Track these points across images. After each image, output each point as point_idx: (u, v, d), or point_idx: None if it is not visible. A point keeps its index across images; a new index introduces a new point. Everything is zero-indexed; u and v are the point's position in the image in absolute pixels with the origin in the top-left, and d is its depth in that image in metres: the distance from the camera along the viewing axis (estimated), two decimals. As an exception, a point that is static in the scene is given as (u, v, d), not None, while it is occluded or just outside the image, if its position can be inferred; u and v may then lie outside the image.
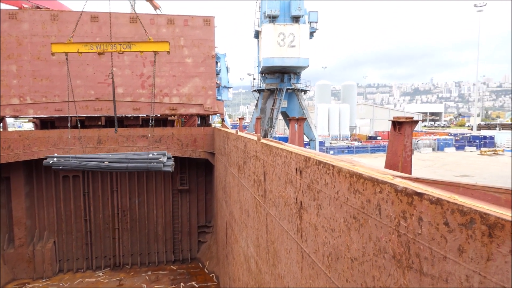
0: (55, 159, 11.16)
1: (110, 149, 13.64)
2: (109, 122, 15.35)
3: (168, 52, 11.52)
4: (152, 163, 10.89)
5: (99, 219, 15.53)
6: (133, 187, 15.78)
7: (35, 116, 14.72)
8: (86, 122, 14.75)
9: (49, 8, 16.23)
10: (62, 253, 15.18)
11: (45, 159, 11.39)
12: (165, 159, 11.04)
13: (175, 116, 17.80)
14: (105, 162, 11.03)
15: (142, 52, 11.39)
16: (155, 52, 11.49)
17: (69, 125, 12.61)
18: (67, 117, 14.20)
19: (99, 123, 14.97)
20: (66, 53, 11.18)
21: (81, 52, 11.03)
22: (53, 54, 11.16)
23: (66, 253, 15.26)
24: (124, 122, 15.43)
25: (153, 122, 12.63)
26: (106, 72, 14.39)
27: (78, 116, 14.53)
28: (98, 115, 14.56)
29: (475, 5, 79.71)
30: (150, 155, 11.23)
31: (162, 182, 16.02)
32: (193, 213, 16.39)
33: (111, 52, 11.27)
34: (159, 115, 15.68)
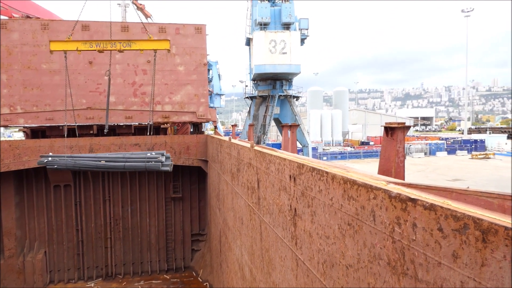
0: (49, 158, 10.81)
1: (102, 158, 13.51)
2: (101, 130, 15.23)
3: (169, 50, 11.40)
4: (150, 162, 10.56)
5: (91, 228, 15.32)
6: (126, 195, 15.62)
7: (26, 125, 14.55)
8: (78, 131, 14.60)
9: (39, 18, 16.15)
10: (53, 263, 14.92)
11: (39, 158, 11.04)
12: (163, 159, 10.76)
13: (168, 124, 17.74)
14: (102, 162, 10.71)
15: (142, 50, 11.16)
16: (155, 51, 11.30)
17: (66, 125, 12.46)
18: (58, 126, 14.07)
19: (91, 132, 14.84)
20: (65, 52, 11.00)
21: (80, 50, 10.82)
22: (51, 52, 10.95)
23: (57, 264, 14.99)
24: (116, 130, 15.32)
25: (151, 127, 12.30)
26: (97, 81, 14.32)
27: (70, 125, 14.42)
28: (90, 124, 14.45)
29: (462, 10, 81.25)
30: (148, 154, 10.95)
31: (155, 190, 15.89)
32: (186, 221, 16.25)
33: (111, 50, 11.06)
34: (151, 123, 15.60)
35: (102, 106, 14.04)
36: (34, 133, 15.78)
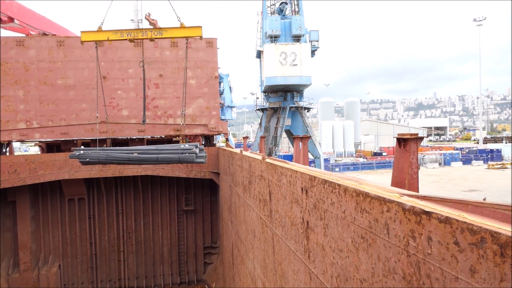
0: (81, 151, 10.72)
1: (115, 171, 13.67)
2: (114, 144, 15.45)
3: (201, 38, 10.96)
4: (184, 154, 10.31)
5: (104, 241, 15.42)
6: (139, 208, 15.72)
7: (41, 140, 14.87)
8: (92, 145, 14.85)
9: (55, 35, 16.65)
10: (67, 277, 15.01)
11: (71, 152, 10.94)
12: (197, 150, 10.55)
13: (180, 137, 17.90)
14: (134, 154, 10.54)
15: (174, 38, 10.83)
16: (187, 38, 10.94)
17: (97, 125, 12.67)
18: (73, 140, 14.33)
19: (105, 145, 15.06)
20: (96, 42, 11.02)
21: (111, 40, 10.72)
22: (82, 42, 10.92)
23: (71, 277, 15.08)
24: (129, 144, 15.52)
25: (183, 121, 11.83)
26: (111, 95, 14.60)
27: (84, 139, 14.66)
28: (104, 138, 14.68)
29: (474, 19, 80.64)
30: (182, 146, 10.78)
31: (167, 203, 15.96)
32: (198, 234, 16.23)
33: (142, 39, 10.79)
34: (163, 136, 15.77)
35: (116, 120, 14.27)
36: (49, 147, 16.11)
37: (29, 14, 17.13)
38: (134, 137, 15.20)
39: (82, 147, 11.96)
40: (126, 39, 10.61)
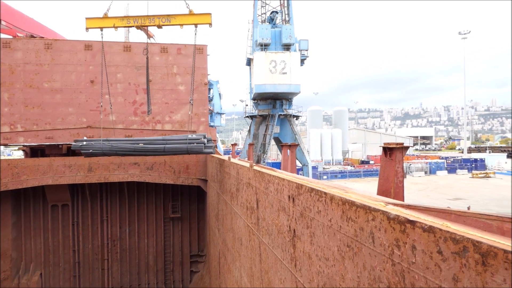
0: (84, 142, 10.24)
1: (101, 177, 13.46)
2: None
3: (210, 25, 10.53)
4: (192, 144, 9.96)
5: (88, 249, 15.10)
6: (124, 215, 15.48)
7: (26, 144, 14.58)
8: (78, 151, 14.61)
9: (43, 37, 16.44)
10: (48, 286, 14.61)
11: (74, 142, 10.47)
12: (205, 141, 10.22)
13: (168, 143, 17.76)
14: (140, 144, 10.13)
15: (182, 25, 10.24)
16: (196, 26, 10.46)
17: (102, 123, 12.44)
18: (57, 145, 14.09)
19: (91, 151, 14.84)
20: (101, 28, 10.49)
21: (117, 27, 10.29)
22: (87, 29, 10.43)
23: (53, 286, 14.69)
24: (116, 149, 15.33)
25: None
26: (98, 100, 14.44)
27: (69, 144, 14.42)
28: (90, 143, 14.46)
29: (459, 33, 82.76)
30: (189, 136, 10.43)
31: (153, 210, 15.75)
32: (185, 242, 16.04)
33: (149, 26, 10.35)
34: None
35: (103, 125, 14.10)
36: (34, 151, 15.80)
37: (16, 16, 16.90)
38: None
39: (85, 137, 11.53)
40: (133, 26, 10.25)
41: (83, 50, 14.29)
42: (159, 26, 10.27)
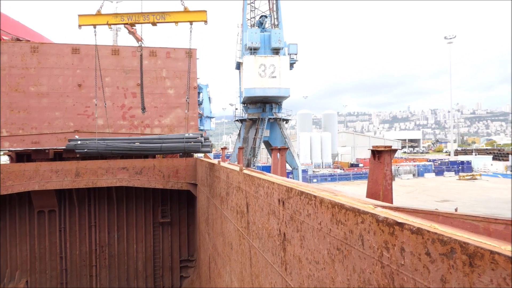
0: (79, 141, 9.95)
1: (88, 182, 13.26)
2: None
3: (206, 22, 10.44)
4: (190, 143, 9.76)
5: (76, 256, 14.83)
6: (112, 220, 15.26)
7: (11, 149, 14.30)
8: (64, 155, 14.39)
9: (29, 40, 16.20)
10: (34, 293, 14.30)
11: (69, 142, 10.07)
12: (202, 140, 10.03)
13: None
14: (136, 143, 9.91)
15: (177, 23, 10.11)
16: (191, 23, 10.33)
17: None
18: (44, 149, 13.86)
19: (78, 155, 14.64)
20: (95, 26, 10.29)
21: (110, 24, 10.16)
22: (80, 27, 10.25)
23: (39, 294, 14.37)
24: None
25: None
26: (86, 103, 14.26)
27: (56, 148, 14.20)
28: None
29: (445, 37, 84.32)
30: (186, 135, 10.23)
31: (142, 215, 15.57)
32: (175, 246, 15.88)
33: (143, 23, 10.15)
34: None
35: (90, 130, 13.93)
36: (19, 156, 15.49)
37: (2, 19, 16.62)
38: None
39: (77, 136, 11.23)
40: (127, 23, 10.12)
41: (70, 53, 14.13)
42: (154, 24, 10.17)
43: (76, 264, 14.81)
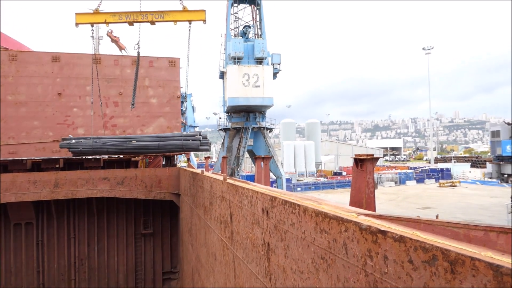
0: (73, 140, 9.54)
1: (68, 193, 12.90)
2: (68, 164, 14.68)
3: (205, 22, 10.37)
4: (188, 141, 9.48)
5: (54, 269, 14.33)
6: (93, 232, 14.86)
7: (-14, 160, 13.80)
8: (43, 165, 13.99)
9: (7, 48, 15.82)
10: (9, 310, 13.71)
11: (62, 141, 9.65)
12: (201, 137, 9.78)
13: (139, 157, 17.36)
14: (133, 141, 9.57)
15: (176, 22, 10.02)
16: (190, 22, 10.26)
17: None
18: (22, 160, 13.46)
19: (57, 166, 14.25)
20: (92, 24, 10.12)
21: (108, 23, 9.91)
22: (77, 25, 10.00)
23: (14, 311, 13.79)
24: (84, 164, 14.80)
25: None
26: (66, 113, 13.96)
27: (34, 159, 13.79)
28: (56, 158, 13.90)
29: (423, 48, 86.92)
30: (185, 133, 9.98)
31: (124, 226, 15.23)
32: (157, 258, 15.56)
33: (141, 22, 9.97)
34: (121, 156, 15.21)
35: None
36: (-5, 167, 14.97)
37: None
38: (90, 157, 14.52)
39: (71, 135, 10.85)
40: (126, 22, 9.96)
41: (50, 62, 13.85)
42: (152, 23, 10.07)
43: (54, 278, 14.30)
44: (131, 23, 10.14)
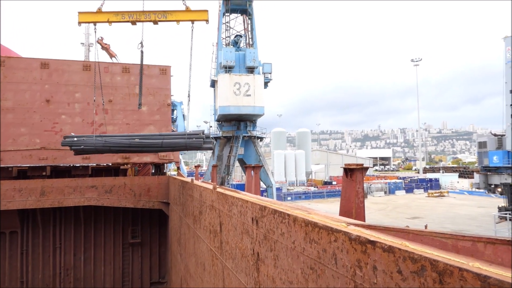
0: (75, 138, 9.27)
1: (54, 201, 12.66)
2: (55, 172, 14.42)
3: (207, 22, 10.24)
4: (191, 139, 9.30)
5: (38, 280, 13.98)
6: (79, 242, 14.57)
7: (-30, 167, 13.49)
8: (29, 173, 13.72)
9: (-5, 54, 15.61)
10: (-10, 323, 13.29)
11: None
12: (204, 137, 9.63)
13: (128, 165, 17.17)
14: (136, 139, 9.32)
15: (179, 22, 9.93)
16: (192, 22, 10.16)
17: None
18: (7, 167, 13.20)
19: (44, 173, 13.99)
20: (95, 23, 9.95)
21: (111, 22, 9.79)
22: (79, 24, 9.82)
23: (-4, 323, 13.37)
24: (72, 172, 14.57)
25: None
26: (54, 120, 13.78)
27: (20, 166, 13.53)
28: (43, 165, 13.66)
29: (411, 60, 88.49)
30: (188, 131, 9.80)
31: (111, 235, 14.98)
32: (145, 268, 15.31)
33: (144, 21, 9.88)
34: (110, 164, 15.03)
35: (57, 146, 13.40)
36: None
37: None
38: (78, 165, 14.32)
39: (73, 133, 10.63)
40: (128, 21, 9.85)
41: (39, 68, 13.71)
42: (155, 22, 10.02)
43: (38, 289, 13.94)
44: (133, 23, 10.10)
